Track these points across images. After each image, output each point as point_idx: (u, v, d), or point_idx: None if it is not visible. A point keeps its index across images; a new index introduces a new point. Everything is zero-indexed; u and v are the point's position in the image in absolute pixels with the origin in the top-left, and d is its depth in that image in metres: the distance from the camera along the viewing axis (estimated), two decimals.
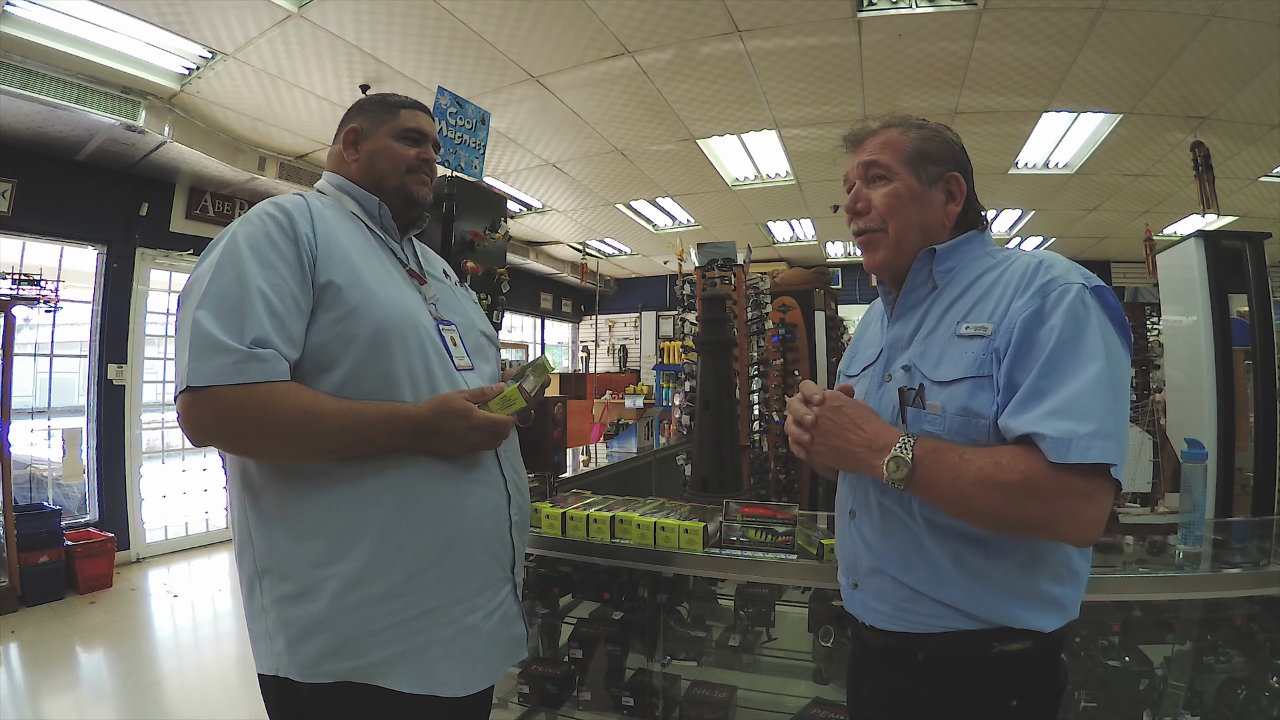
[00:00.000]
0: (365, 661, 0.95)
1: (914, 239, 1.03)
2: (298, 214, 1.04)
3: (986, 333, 0.92)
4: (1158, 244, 5.31)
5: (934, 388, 0.95)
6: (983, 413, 0.90)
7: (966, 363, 0.92)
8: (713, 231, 7.34)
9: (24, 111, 3.68)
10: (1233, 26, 3.16)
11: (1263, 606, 1.59)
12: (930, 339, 0.99)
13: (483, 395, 1.06)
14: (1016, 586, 0.91)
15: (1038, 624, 0.91)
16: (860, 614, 1.05)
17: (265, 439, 0.94)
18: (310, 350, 0.98)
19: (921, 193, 1.02)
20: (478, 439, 1.04)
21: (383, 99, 1.24)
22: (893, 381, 1.02)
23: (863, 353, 1.18)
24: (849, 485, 1.08)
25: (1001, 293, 0.94)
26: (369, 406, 0.98)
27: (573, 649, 1.88)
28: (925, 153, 1.03)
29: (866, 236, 1.06)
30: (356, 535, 0.97)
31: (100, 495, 4.64)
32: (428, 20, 3.29)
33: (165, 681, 3.04)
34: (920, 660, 0.96)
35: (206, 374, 0.90)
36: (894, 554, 0.98)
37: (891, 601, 0.98)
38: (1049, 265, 0.93)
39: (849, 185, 1.09)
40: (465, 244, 2.38)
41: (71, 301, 4.61)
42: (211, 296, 0.94)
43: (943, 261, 1.03)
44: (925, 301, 1.04)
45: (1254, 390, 2.55)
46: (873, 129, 1.08)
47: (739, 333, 4.31)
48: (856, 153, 1.09)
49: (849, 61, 3.72)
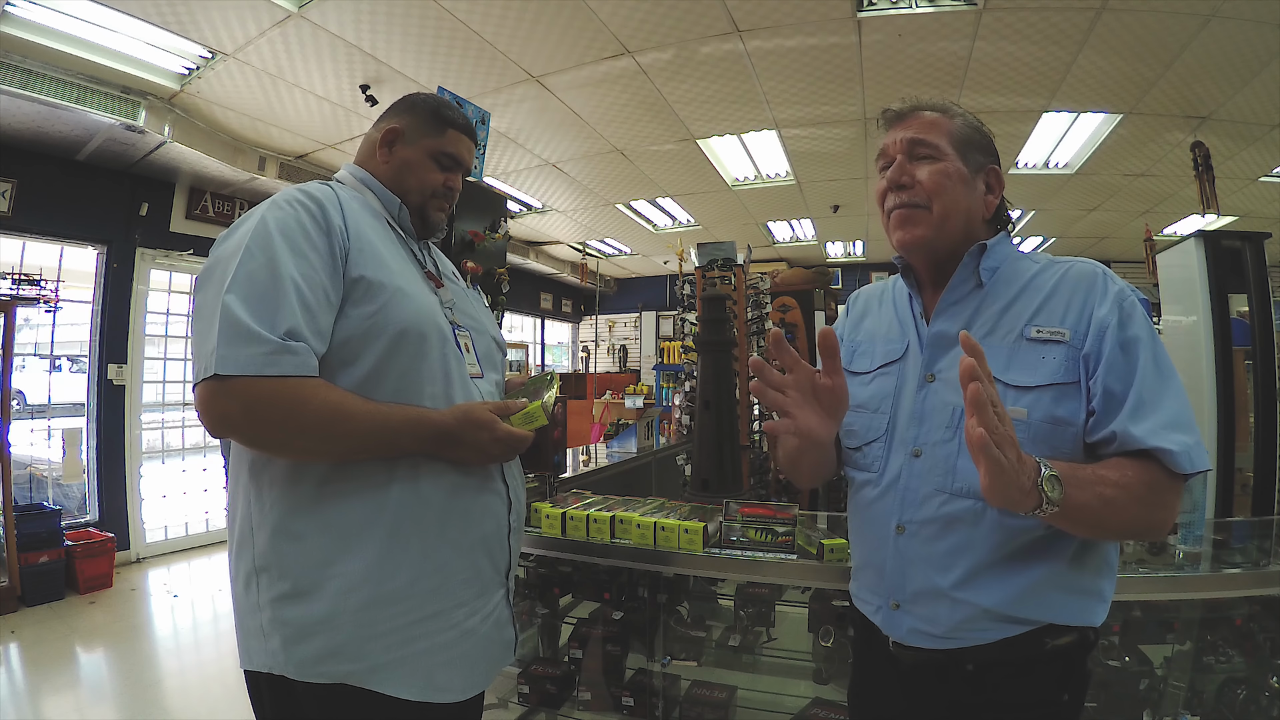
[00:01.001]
0: (364, 665, 0.94)
1: (957, 223, 0.99)
2: (329, 204, 1.01)
3: (1064, 338, 0.89)
4: (1158, 244, 5.31)
5: (1012, 392, 0.90)
6: (1071, 420, 0.88)
7: (1049, 368, 0.89)
8: (713, 231, 7.34)
9: (24, 111, 3.68)
10: (1233, 26, 3.15)
11: (1263, 606, 1.59)
12: (990, 340, 0.94)
13: (505, 409, 1.06)
14: (1070, 585, 0.90)
15: (1088, 618, 0.91)
16: (903, 636, 0.97)
17: (291, 435, 0.92)
18: (335, 344, 0.97)
19: (968, 178, 0.99)
20: (498, 451, 1.04)
21: (437, 109, 1.19)
22: (938, 383, 0.97)
23: (876, 348, 1.09)
24: (896, 498, 0.98)
25: (1070, 297, 0.92)
26: (395, 410, 0.97)
27: (573, 649, 1.88)
28: (971, 140, 1.01)
29: (906, 211, 0.99)
30: (361, 537, 0.96)
31: (100, 495, 4.64)
32: (428, 20, 3.29)
33: (165, 681, 3.03)
34: (970, 670, 0.92)
35: (236, 363, 0.87)
36: (959, 572, 0.91)
37: (947, 622, 0.92)
38: (1112, 275, 0.93)
39: (888, 160, 1.03)
40: (465, 244, 2.38)
41: (71, 301, 4.61)
42: (241, 281, 0.90)
43: (989, 259, 0.99)
44: (972, 299, 0.99)
45: (1254, 390, 2.55)
46: (918, 107, 1.04)
47: (739, 333, 4.31)
48: (899, 127, 1.03)
49: (849, 61, 3.72)
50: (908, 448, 0.98)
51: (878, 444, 1.02)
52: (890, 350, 1.06)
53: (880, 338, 1.09)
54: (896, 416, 1.01)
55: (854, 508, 1.09)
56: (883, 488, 1.00)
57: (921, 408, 0.98)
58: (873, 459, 1.02)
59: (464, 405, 1.03)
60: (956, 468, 0.92)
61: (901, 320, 1.08)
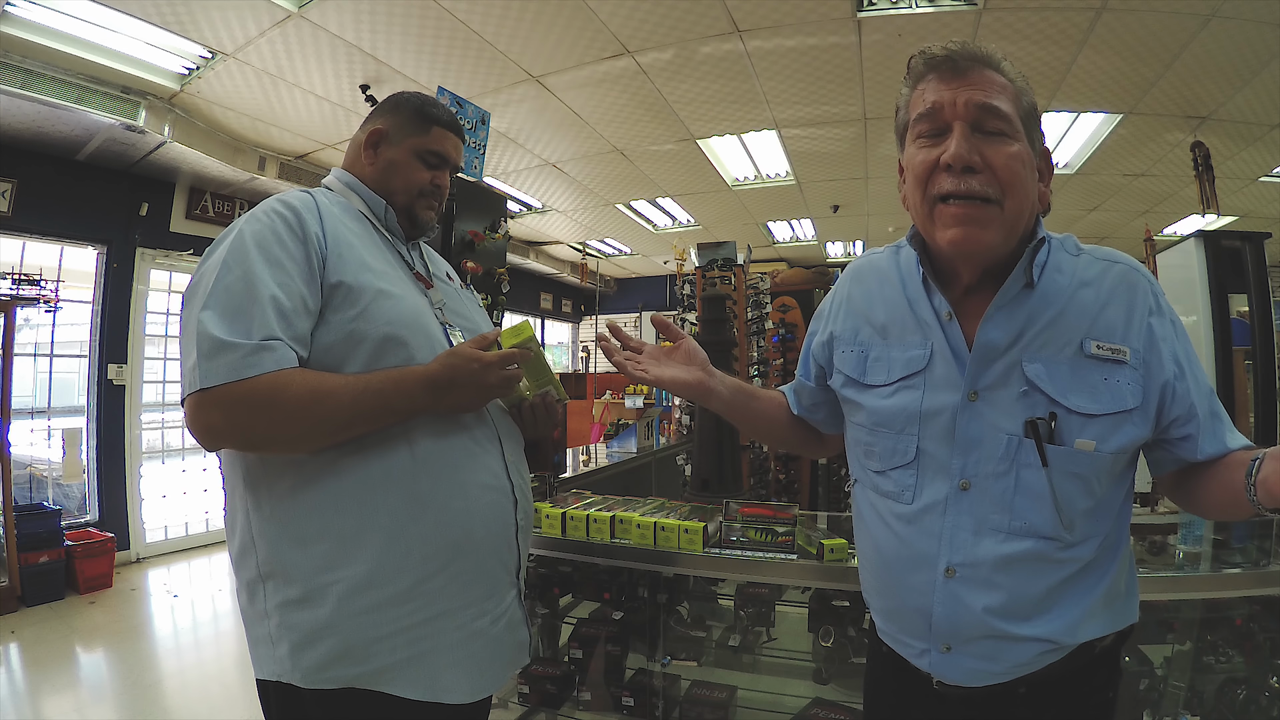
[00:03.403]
0: (370, 668, 0.94)
1: (1025, 225, 0.83)
2: (306, 212, 1.01)
3: (1124, 357, 0.80)
4: (1158, 244, 5.30)
5: (1076, 420, 0.80)
6: (1129, 448, 0.82)
7: (1114, 393, 0.80)
8: (713, 231, 7.33)
9: (24, 111, 3.68)
10: (1233, 26, 3.15)
11: (1263, 606, 1.59)
12: (1045, 354, 0.81)
13: (484, 340, 1.04)
14: (1113, 598, 0.88)
15: (1129, 619, 0.91)
16: (954, 678, 0.88)
17: (277, 426, 0.91)
18: (318, 351, 0.97)
19: (1034, 165, 0.83)
20: (494, 379, 1.02)
21: (420, 107, 1.18)
22: (982, 403, 0.83)
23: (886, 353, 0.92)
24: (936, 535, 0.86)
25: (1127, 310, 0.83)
26: (377, 374, 0.96)
27: (573, 649, 1.88)
28: (1034, 114, 0.82)
29: (973, 207, 0.78)
30: (363, 539, 0.95)
31: (100, 495, 4.64)
32: (428, 20, 3.29)
33: (165, 681, 3.03)
34: (1022, 693, 0.87)
35: (216, 373, 0.88)
36: (1020, 612, 0.83)
37: (1008, 660, 0.84)
38: (1150, 277, 0.87)
39: (939, 125, 0.80)
40: (465, 244, 2.38)
41: (71, 301, 4.61)
42: (218, 297, 0.91)
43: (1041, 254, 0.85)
44: (1022, 303, 0.83)
45: (1254, 390, 2.56)
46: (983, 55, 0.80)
47: (739, 333, 4.31)
48: (959, 83, 0.79)
49: (849, 61, 3.72)
50: (952, 479, 0.85)
51: (906, 471, 0.89)
52: (911, 359, 0.89)
53: (895, 338, 0.92)
54: (926, 441, 0.87)
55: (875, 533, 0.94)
56: (917, 520, 0.88)
57: (967, 432, 0.84)
58: (902, 487, 0.89)
59: (446, 350, 1.02)
60: (1014, 505, 0.82)
61: (919, 318, 0.90)
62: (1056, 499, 0.80)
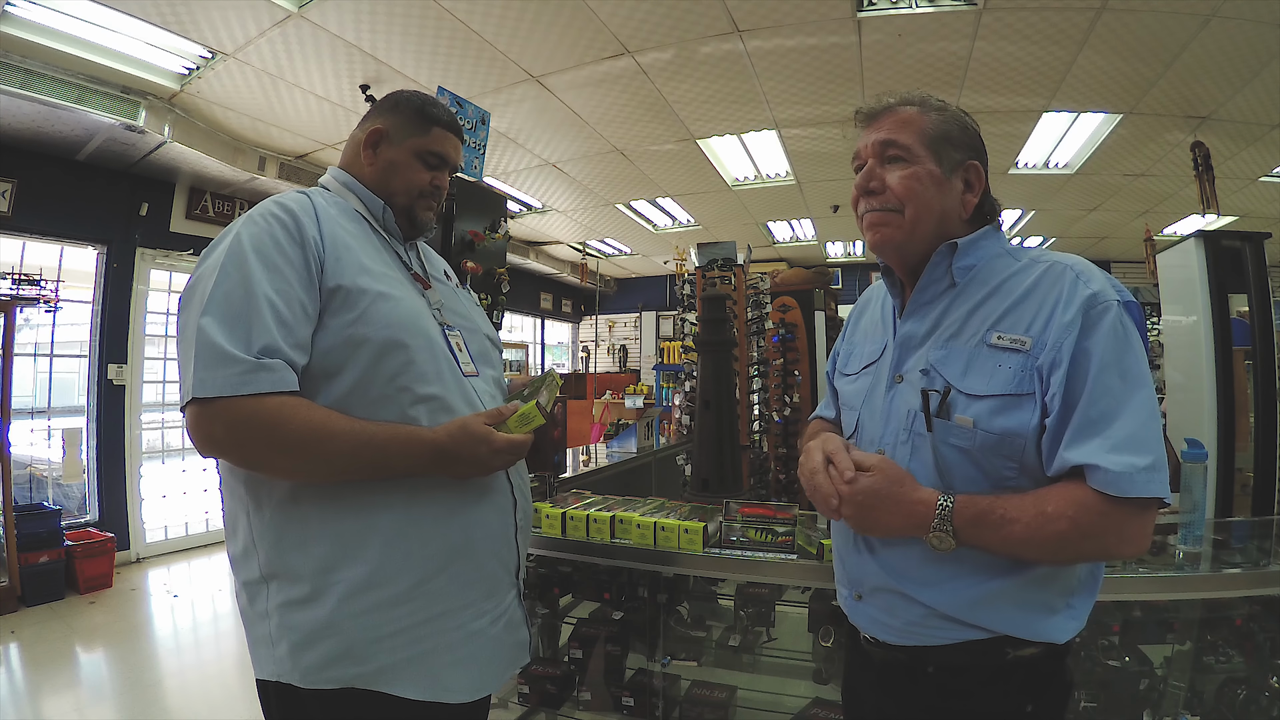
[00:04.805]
0: (371, 667, 0.94)
1: (930, 226, 0.97)
2: (304, 215, 1.01)
3: (1024, 347, 0.87)
4: (1158, 244, 5.31)
5: (963, 399, 0.90)
6: (1020, 432, 0.86)
7: (1004, 378, 0.87)
8: (713, 231, 7.34)
9: (24, 111, 3.68)
10: (1233, 26, 3.16)
11: (1263, 606, 1.59)
12: (953, 343, 0.94)
13: (499, 416, 1.03)
14: (1028, 600, 0.89)
15: (1048, 634, 0.89)
16: (865, 627, 1.01)
17: (275, 454, 0.92)
18: (318, 355, 0.96)
19: (942, 179, 0.96)
20: (499, 463, 1.02)
21: (421, 107, 1.17)
22: (904, 384, 0.97)
23: (861, 349, 1.11)
24: None
25: (1039, 304, 0.88)
26: (383, 429, 0.95)
27: (573, 649, 1.88)
28: (947, 136, 0.97)
29: (878, 215, 0.98)
30: (364, 540, 0.95)
31: (100, 495, 4.64)
32: (428, 20, 3.29)
33: (165, 681, 3.03)
34: (930, 672, 0.94)
35: (213, 385, 0.88)
36: (911, 574, 0.93)
37: (903, 617, 0.94)
38: (1086, 277, 0.88)
39: (861, 162, 1.01)
40: (465, 244, 2.38)
41: (71, 301, 4.61)
42: (217, 302, 0.91)
43: (963, 257, 0.96)
44: (943, 299, 0.98)
45: (1254, 390, 2.55)
46: (890, 104, 1.01)
47: (739, 333, 4.31)
48: (872, 128, 1.00)
49: (849, 61, 3.72)
50: (874, 447, 0.99)
51: (851, 440, 1.05)
52: (871, 351, 1.08)
53: (869, 337, 1.11)
54: (863, 415, 1.04)
55: None
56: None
57: (888, 408, 0.99)
58: None
59: (458, 420, 1.00)
60: (910, 470, 0.93)
61: (884, 320, 1.08)
62: (939, 465, 0.91)
